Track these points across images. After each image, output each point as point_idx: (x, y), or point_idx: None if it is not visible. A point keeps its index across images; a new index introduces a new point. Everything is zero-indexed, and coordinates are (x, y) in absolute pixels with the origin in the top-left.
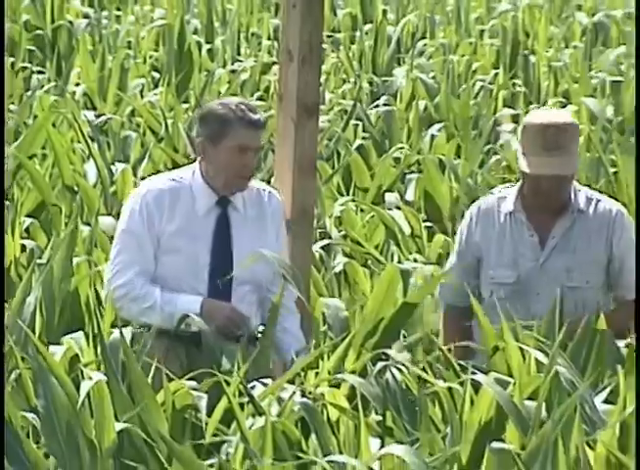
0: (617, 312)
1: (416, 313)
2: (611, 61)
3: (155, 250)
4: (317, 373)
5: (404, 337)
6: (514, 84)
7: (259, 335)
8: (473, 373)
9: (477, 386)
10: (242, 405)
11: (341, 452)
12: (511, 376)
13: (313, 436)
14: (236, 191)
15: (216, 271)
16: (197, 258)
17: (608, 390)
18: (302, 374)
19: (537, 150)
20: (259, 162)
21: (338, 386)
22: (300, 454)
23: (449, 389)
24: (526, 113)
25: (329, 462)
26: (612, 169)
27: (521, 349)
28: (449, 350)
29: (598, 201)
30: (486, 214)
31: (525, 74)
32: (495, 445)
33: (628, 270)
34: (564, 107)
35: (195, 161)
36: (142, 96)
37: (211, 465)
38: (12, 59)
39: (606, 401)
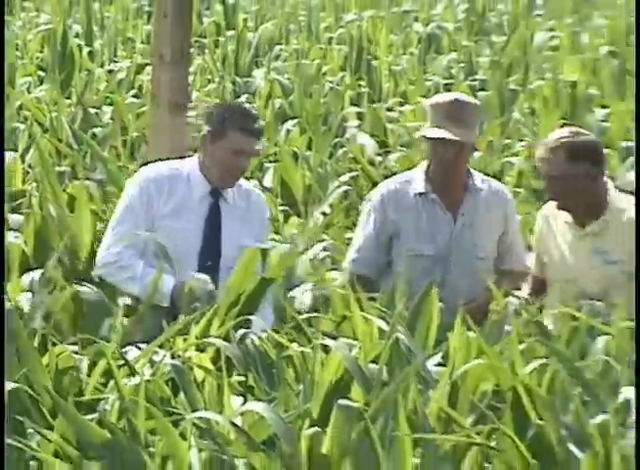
0: (506, 279)
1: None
2: (443, 66)
3: (148, 229)
4: (186, 339)
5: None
6: (359, 85)
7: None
8: (323, 339)
9: (327, 350)
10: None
11: (206, 409)
12: (357, 341)
13: (182, 394)
14: (225, 187)
15: (205, 253)
16: (188, 239)
17: (440, 354)
18: (173, 339)
19: (444, 121)
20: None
21: (204, 350)
22: (171, 410)
23: (302, 352)
24: (370, 110)
25: (196, 418)
26: None
27: (366, 318)
28: None
29: (489, 181)
30: (397, 195)
31: (368, 77)
32: (342, 402)
33: (517, 243)
34: (402, 105)
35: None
36: (29, 92)
37: (91, 420)
38: None
39: (438, 364)
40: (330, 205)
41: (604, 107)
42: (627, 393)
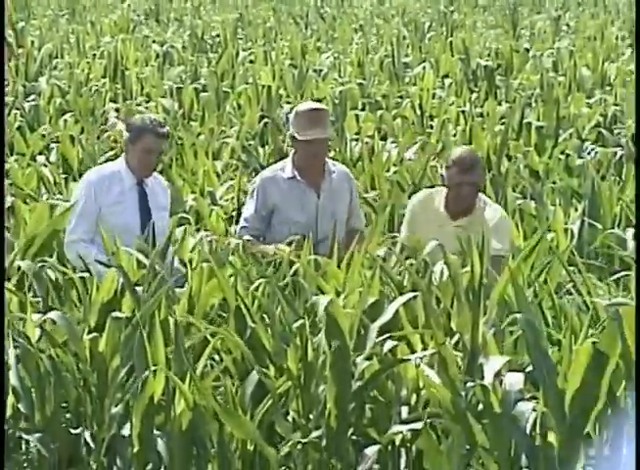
0: (350, 236)
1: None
2: (175, 74)
3: (96, 217)
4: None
5: None
6: (116, 88)
7: None
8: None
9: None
10: None
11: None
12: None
13: None
14: (144, 177)
15: (143, 224)
16: (130, 218)
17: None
18: None
19: (309, 125)
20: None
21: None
22: None
23: (82, 278)
24: (125, 105)
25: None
26: None
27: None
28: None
29: (336, 165)
30: (273, 180)
31: (122, 82)
32: (115, 314)
33: (357, 209)
34: (147, 102)
35: None
36: None
37: None
38: None
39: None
40: None
41: (289, 103)
42: (321, 300)
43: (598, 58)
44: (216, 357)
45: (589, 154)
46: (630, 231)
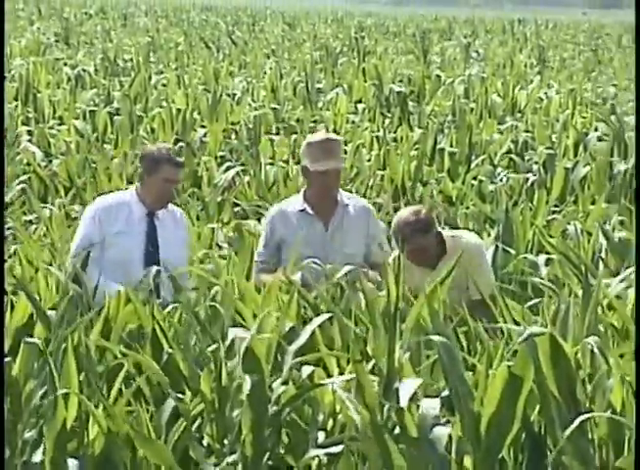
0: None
1: None
2: (88, 97)
3: (101, 245)
4: None
5: None
6: (27, 111)
7: None
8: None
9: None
10: None
11: None
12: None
13: None
14: (158, 209)
15: (148, 259)
16: (134, 251)
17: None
18: None
19: (322, 155)
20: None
21: None
22: None
23: None
24: (37, 128)
25: None
26: None
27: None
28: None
29: (354, 198)
30: (282, 215)
31: (34, 105)
32: (27, 339)
33: (378, 243)
34: (60, 125)
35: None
36: None
37: None
38: None
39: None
40: (11, 198)
41: (203, 127)
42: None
43: (508, 85)
44: (132, 382)
45: (501, 180)
46: (542, 257)
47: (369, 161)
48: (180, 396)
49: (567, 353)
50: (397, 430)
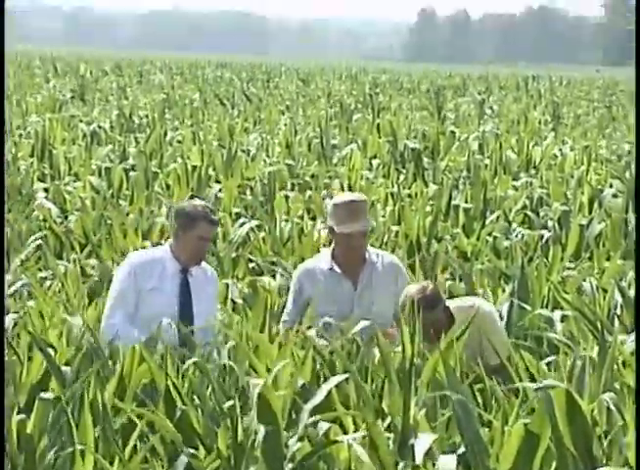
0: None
1: None
2: (103, 154)
3: (136, 301)
4: None
5: None
6: (44, 167)
7: None
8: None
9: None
10: None
11: None
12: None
13: None
14: (192, 266)
15: (182, 314)
16: (167, 308)
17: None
18: None
19: (348, 217)
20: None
21: None
22: None
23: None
24: (53, 185)
25: None
26: None
27: None
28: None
29: (382, 254)
30: (310, 273)
31: (49, 161)
32: (43, 395)
33: None
34: (75, 182)
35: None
36: None
37: None
38: None
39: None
40: (26, 255)
41: (218, 182)
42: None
43: (522, 141)
44: (146, 439)
45: (516, 236)
46: (558, 313)
47: (384, 216)
48: (194, 452)
49: (583, 410)
50: None
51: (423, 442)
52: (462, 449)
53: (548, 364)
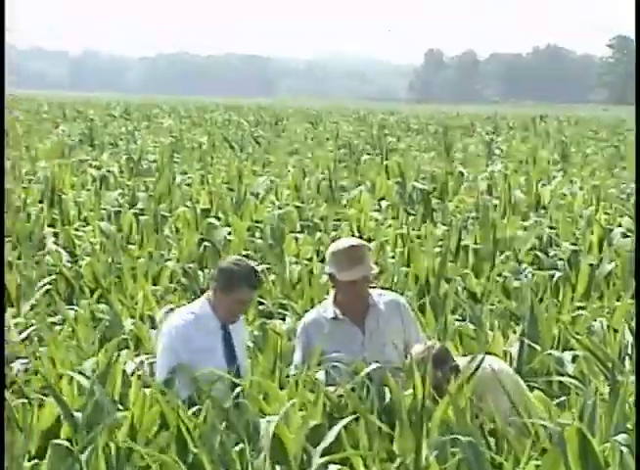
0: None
1: None
2: (113, 198)
3: (186, 358)
4: None
5: None
6: (53, 212)
7: None
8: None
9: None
10: None
11: None
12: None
13: None
14: (230, 323)
15: (229, 366)
16: (214, 363)
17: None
18: None
19: (349, 264)
20: None
21: None
22: None
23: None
24: (63, 230)
25: None
26: None
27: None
28: None
29: (382, 294)
30: (315, 324)
31: (59, 206)
32: (55, 441)
33: (416, 334)
34: (85, 227)
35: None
36: None
37: None
38: None
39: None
40: (36, 299)
41: (228, 225)
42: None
43: (531, 181)
44: None
45: (526, 276)
46: (568, 353)
47: (393, 258)
48: None
49: (595, 451)
50: None
51: None
52: None
53: (559, 405)
